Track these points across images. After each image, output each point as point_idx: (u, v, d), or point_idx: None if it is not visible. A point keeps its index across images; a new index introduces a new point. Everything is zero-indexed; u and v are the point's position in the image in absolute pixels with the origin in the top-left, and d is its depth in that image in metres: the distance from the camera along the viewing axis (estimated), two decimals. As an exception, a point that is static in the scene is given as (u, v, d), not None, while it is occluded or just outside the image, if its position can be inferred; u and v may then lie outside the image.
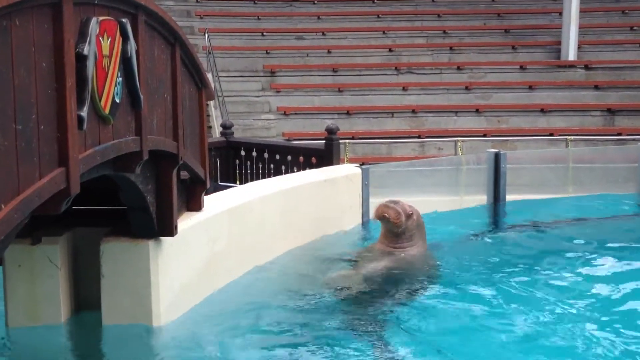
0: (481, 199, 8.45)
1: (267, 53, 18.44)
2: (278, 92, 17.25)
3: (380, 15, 20.30)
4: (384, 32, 19.62)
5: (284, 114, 16.60)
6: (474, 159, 8.96)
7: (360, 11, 20.42)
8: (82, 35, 2.86)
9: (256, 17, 19.99)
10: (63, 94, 2.66)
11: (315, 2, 20.80)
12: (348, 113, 16.66)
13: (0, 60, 2.28)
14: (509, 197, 8.46)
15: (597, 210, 8.33)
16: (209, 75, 12.88)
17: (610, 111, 16.99)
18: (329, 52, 18.67)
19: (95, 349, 4.44)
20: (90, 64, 2.88)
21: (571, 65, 18.27)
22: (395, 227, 6.10)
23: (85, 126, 2.87)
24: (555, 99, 17.26)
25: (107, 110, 3.15)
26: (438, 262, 6.33)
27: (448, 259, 6.44)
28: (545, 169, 9.31)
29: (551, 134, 15.76)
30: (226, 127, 9.46)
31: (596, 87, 17.66)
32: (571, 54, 18.40)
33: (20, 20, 2.39)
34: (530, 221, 7.86)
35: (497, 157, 8.44)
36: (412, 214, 6.21)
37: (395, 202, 6.23)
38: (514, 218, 8.07)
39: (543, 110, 16.90)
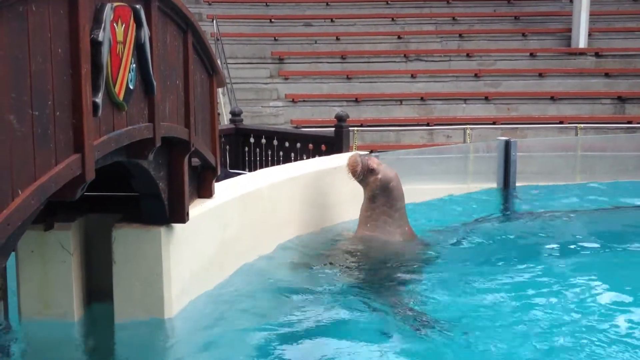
0: (491, 186, 8.44)
1: (275, 40, 18.38)
2: (286, 79, 17.21)
3: (389, 2, 20.20)
4: (392, 19, 19.52)
5: (292, 101, 16.58)
6: (484, 147, 8.94)
7: (369, -2, 20.34)
8: (97, 21, 2.86)
9: (264, 4, 19.92)
10: (78, 81, 2.66)
11: (324, -12, 20.72)
12: (356, 100, 16.62)
13: (17, 47, 2.28)
14: (519, 185, 8.46)
15: (607, 198, 8.30)
16: (218, 62, 12.86)
17: (621, 99, 16.90)
18: (337, 39, 18.60)
19: (108, 335, 4.47)
20: (104, 50, 2.88)
21: (581, 53, 18.16)
22: (352, 176, 6.02)
23: (100, 113, 2.87)
24: (565, 86, 17.17)
25: (121, 97, 3.14)
26: (421, 244, 6.20)
27: (448, 245, 6.42)
28: (555, 157, 9.28)
29: (561, 122, 15.70)
30: (235, 114, 9.45)
31: (606, 75, 17.55)
32: (582, 42, 18.28)
33: (37, 5, 2.38)
34: (543, 209, 7.85)
35: (507, 145, 8.42)
36: (374, 170, 6.01)
37: (369, 158, 6.13)
38: (525, 206, 8.06)
39: (553, 98, 16.82)
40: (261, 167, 8.55)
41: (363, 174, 6.03)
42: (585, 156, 9.24)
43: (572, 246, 6.57)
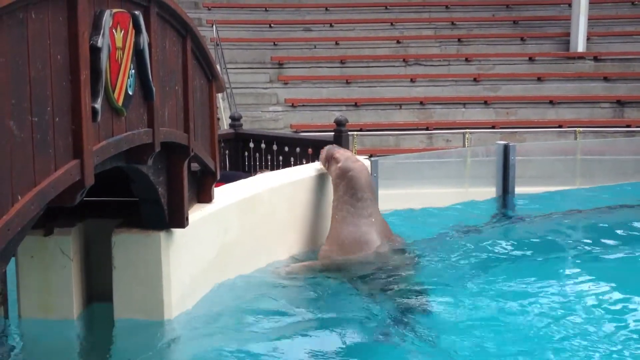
0: (490, 191, 8.45)
1: (274, 45, 18.41)
2: (286, 83, 17.23)
3: (388, 7, 20.23)
4: (392, 24, 19.55)
5: (292, 105, 16.60)
6: (483, 151, 8.96)
7: (368, 2, 20.35)
8: (96, 27, 2.88)
9: (264, 9, 19.96)
10: (77, 87, 2.68)
11: (323, -7, 20.76)
12: (356, 105, 16.64)
13: (17, 53, 2.30)
14: (518, 189, 8.47)
15: (607, 201, 8.31)
16: (217, 67, 12.86)
17: (620, 103, 16.91)
18: (336, 43, 18.62)
19: (107, 340, 4.48)
20: (104, 56, 2.90)
21: (580, 57, 18.18)
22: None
23: (99, 118, 2.89)
24: (564, 90, 17.18)
25: (120, 102, 3.16)
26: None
27: (444, 250, 6.42)
28: (554, 161, 9.30)
29: (560, 126, 15.70)
30: (235, 119, 9.47)
31: (605, 79, 17.57)
32: (580, 46, 18.30)
33: (37, 12, 2.40)
34: (540, 212, 7.86)
35: (506, 149, 8.44)
36: (336, 159, 6.13)
37: (339, 149, 6.34)
38: (523, 210, 8.07)
39: (552, 102, 16.83)
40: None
41: (327, 162, 6.22)
42: (585, 160, 9.26)
43: (571, 249, 6.59)
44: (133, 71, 3.35)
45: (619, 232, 7.05)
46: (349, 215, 6.03)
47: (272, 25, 19.20)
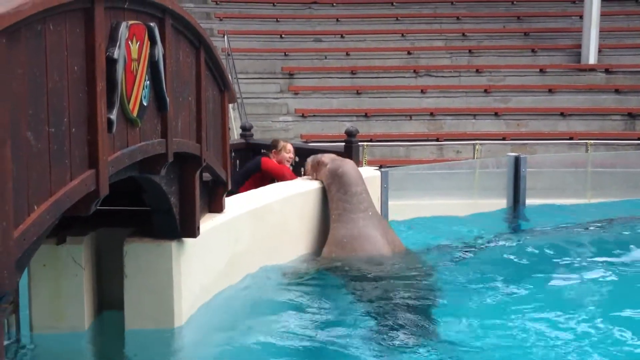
0: (500, 202, 8.44)
1: (285, 55, 18.47)
2: (296, 94, 17.27)
3: (399, 18, 20.27)
4: (402, 35, 19.59)
5: (302, 116, 16.63)
6: (494, 163, 8.95)
7: (379, 14, 20.41)
8: (112, 39, 2.91)
9: (275, 20, 20.04)
10: (94, 97, 2.71)
11: (334, 4, 20.81)
12: (366, 115, 16.66)
13: (35, 64, 2.33)
14: (528, 201, 8.45)
15: (618, 214, 8.28)
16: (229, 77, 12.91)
17: (631, 115, 16.84)
18: (347, 54, 18.67)
19: (118, 349, 4.49)
20: (119, 67, 2.93)
21: (591, 69, 18.13)
22: (308, 175, 6.35)
23: (114, 129, 2.91)
24: (575, 102, 17.14)
25: (135, 113, 3.19)
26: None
27: (453, 261, 6.42)
28: (565, 174, 9.27)
29: (571, 138, 15.65)
30: (246, 129, 9.50)
31: (617, 91, 17.51)
32: (592, 58, 18.26)
33: (54, 24, 2.43)
34: (551, 224, 7.84)
35: (517, 160, 8.43)
36: (323, 162, 6.21)
37: (323, 155, 6.39)
38: (534, 222, 8.04)
39: (563, 114, 16.79)
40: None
41: (315, 170, 6.25)
42: (596, 172, 9.22)
43: (582, 262, 6.56)
44: (148, 82, 3.38)
45: (630, 246, 7.02)
46: (345, 212, 6.08)
47: (283, 35, 19.28)
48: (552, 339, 4.70)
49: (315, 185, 6.70)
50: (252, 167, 7.22)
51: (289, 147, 7.38)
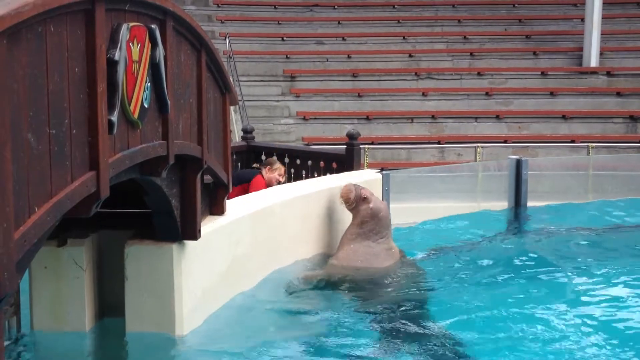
0: (502, 205, 8.43)
1: (287, 58, 18.48)
2: (298, 96, 17.28)
3: (400, 21, 20.28)
4: (404, 38, 19.59)
5: (304, 118, 16.63)
6: (495, 166, 8.94)
7: (380, 16, 20.42)
8: (113, 41, 2.91)
9: (276, 22, 20.05)
10: (94, 99, 2.71)
11: (336, 7, 20.82)
12: (367, 118, 16.66)
13: (36, 66, 2.32)
14: (530, 204, 8.44)
15: (619, 218, 8.27)
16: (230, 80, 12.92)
17: (633, 118, 16.84)
18: (349, 57, 18.67)
19: (118, 352, 4.48)
20: (120, 69, 2.93)
21: (593, 72, 18.13)
22: (344, 204, 6.30)
23: (115, 131, 2.91)
24: (576, 105, 17.13)
25: (136, 115, 3.19)
26: (411, 270, 6.28)
27: (454, 264, 6.41)
28: (566, 176, 9.27)
29: (573, 141, 15.65)
30: (247, 132, 9.50)
31: (618, 94, 17.51)
32: (593, 61, 18.25)
33: (55, 26, 2.43)
34: (552, 227, 7.83)
35: (518, 163, 8.42)
36: (367, 199, 6.26)
37: (362, 188, 6.36)
38: (535, 225, 8.03)
39: (564, 117, 16.78)
40: (272, 184, 8.56)
41: (356, 202, 6.30)
42: (597, 175, 9.22)
43: (584, 265, 6.55)
44: (149, 84, 3.37)
45: (634, 249, 7.01)
46: (368, 248, 6.24)
47: (284, 38, 19.29)
48: (555, 341, 4.70)
49: (316, 188, 6.70)
50: (245, 178, 7.34)
51: (283, 171, 7.49)
